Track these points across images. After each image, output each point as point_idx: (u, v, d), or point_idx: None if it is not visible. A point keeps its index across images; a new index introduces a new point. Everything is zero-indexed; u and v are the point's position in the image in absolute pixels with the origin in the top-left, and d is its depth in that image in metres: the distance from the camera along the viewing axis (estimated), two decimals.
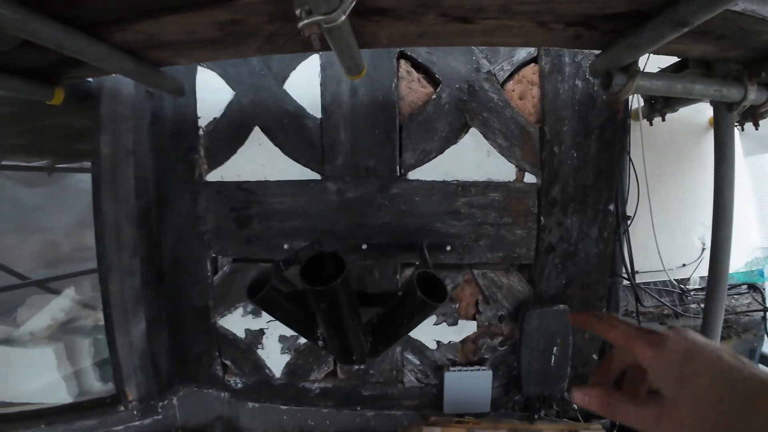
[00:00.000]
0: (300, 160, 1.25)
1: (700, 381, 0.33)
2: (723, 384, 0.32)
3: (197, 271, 1.36)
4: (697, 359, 0.34)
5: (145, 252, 1.36)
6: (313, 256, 0.82)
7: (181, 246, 1.36)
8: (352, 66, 0.94)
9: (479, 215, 1.26)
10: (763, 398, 0.30)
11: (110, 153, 1.32)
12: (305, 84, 1.23)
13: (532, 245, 1.30)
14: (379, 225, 1.24)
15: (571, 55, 1.31)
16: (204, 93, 1.30)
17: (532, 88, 1.30)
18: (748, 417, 0.30)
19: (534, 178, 1.28)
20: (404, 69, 1.23)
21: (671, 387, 0.34)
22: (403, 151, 1.23)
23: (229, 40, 0.97)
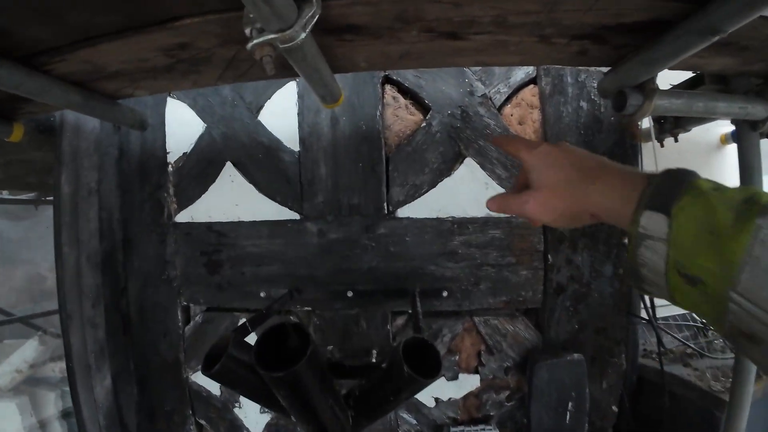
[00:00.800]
0: (276, 197, 1.09)
1: (558, 169, 0.42)
2: (573, 169, 0.41)
3: (166, 321, 1.19)
4: (558, 154, 0.43)
5: (110, 300, 1.19)
6: (271, 329, 0.64)
7: (149, 293, 1.19)
8: (326, 94, 0.79)
9: (478, 255, 1.08)
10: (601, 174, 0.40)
11: (71, 191, 1.17)
12: (281, 114, 1.08)
13: (539, 287, 1.12)
14: (366, 269, 1.07)
15: (573, 74, 1.16)
16: (173, 126, 1.15)
17: (533, 112, 1.14)
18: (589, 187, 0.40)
19: None
20: (390, 95, 1.08)
21: (538, 176, 0.43)
22: (390, 186, 1.07)
23: (185, 68, 0.82)
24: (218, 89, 1.12)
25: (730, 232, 0.27)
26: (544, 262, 1.12)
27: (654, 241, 0.31)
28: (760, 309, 0.25)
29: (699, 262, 0.29)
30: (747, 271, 0.26)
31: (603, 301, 1.18)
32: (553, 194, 0.42)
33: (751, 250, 0.26)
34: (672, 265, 0.31)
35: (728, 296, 0.27)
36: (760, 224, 0.26)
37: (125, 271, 1.20)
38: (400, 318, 1.11)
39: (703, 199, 0.30)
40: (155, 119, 1.16)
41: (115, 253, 1.19)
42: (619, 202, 0.37)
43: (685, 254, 0.30)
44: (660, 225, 0.31)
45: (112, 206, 1.18)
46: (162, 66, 0.82)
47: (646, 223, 0.32)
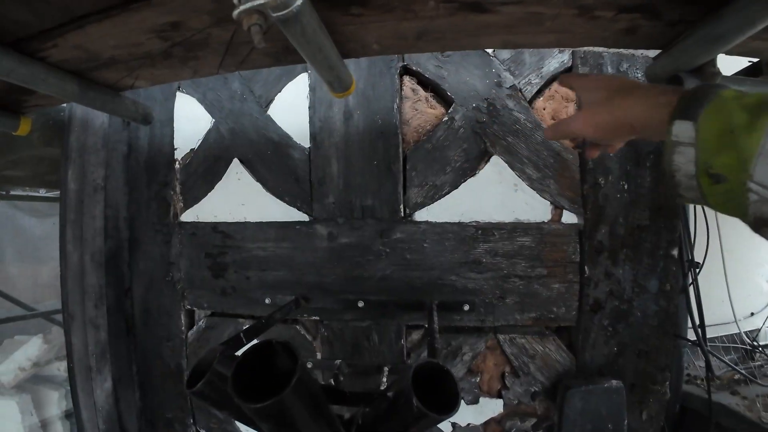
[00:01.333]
0: (284, 197, 0.99)
1: (599, 90, 0.47)
2: (612, 88, 0.46)
3: (170, 325, 1.11)
4: (604, 77, 0.52)
5: (113, 301, 1.12)
6: (255, 348, 0.53)
7: (153, 295, 1.12)
8: (333, 79, 0.68)
9: (505, 266, 0.95)
10: (635, 89, 0.45)
11: (77, 188, 1.11)
12: (292, 108, 0.99)
13: (573, 303, 0.98)
14: (379, 278, 0.95)
15: (614, 63, 1.01)
16: (181, 121, 1.08)
17: (568, 106, 1.00)
18: (626, 101, 0.44)
19: (574, 217, 0.97)
20: (408, 87, 0.97)
21: (588, 95, 0.49)
22: (407, 186, 0.95)
23: (183, 53, 0.74)
24: (227, 82, 1.04)
25: (745, 131, 0.30)
26: (579, 274, 0.97)
27: (684, 146, 0.34)
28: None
29: (721, 160, 0.32)
30: (761, 162, 0.29)
31: (646, 321, 1.02)
32: (596, 110, 0.47)
33: (764, 144, 0.29)
34: (701, 166, 0.34)
35: (747, 187, 0.30)
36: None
37: (130, 271, 1.13)
38: (416, 332, 0.99)
39: (724, 105, 0.33)
40: (164, 114, 1.10)
41: (120, 252, 1.12)
42: (653, 112, 0.41)
43: (710, 154, 0.33)
44: (688, 131, 0.34)
45: (119, 204, 1.12)
46: (158, 51, 0.74)
47: (677, 131, 0.35)
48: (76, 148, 1.11)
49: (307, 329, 1.02)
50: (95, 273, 1.10)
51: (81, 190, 1.10)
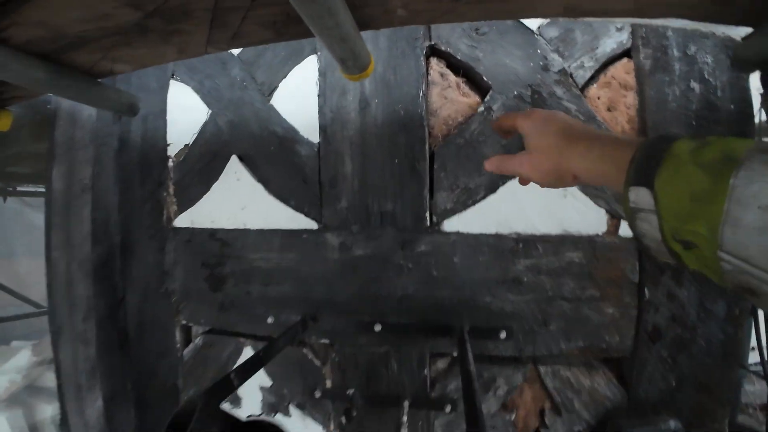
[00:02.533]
0: (290, 201, 0.82)
1: (548, 134, 0.42)
2: (561, 134, 0.42)
3: (165, 341, 0.96)
4: (551, 121, 0.43)
5: (104, 313, 0.97)
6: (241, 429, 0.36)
7: (147, 307, 0.96)
8: (347, 57, 0.51)
9: (550, 286, 0.76)
10: (584, 139, 0.40)
11: (63, 188, 0.96)
12: (299, 96, 0.81)
13: (629, 331, 0.78)
14: (400, 297, 0.78)
15: (680, 45, 0.81)
16: (176, 113, 0.92)
17: (627, 95, 0.80)
18: (572, 151, 0.40)
19: None
20: (436, 70, 0.78)
21: (531, 140, 0.45)
22: (435, 189, 0.77)
23: (161, 27, 0.57)
24: (226, 68, 0.87)
25: (708, 196, 0.26)
26: (638, 297, 0.78)
27: (645, 213, 0.31)
28: (749, 265, 0.24)
29: (689, 228, 0.28)
30: (728, 231, 0.25)
31: (710, 350, 0.82)
32: (542, 156, 0.43)
33: (728, 210, 0.25)
34: (667, 232, 0.30)
35: (718, 257, 0.26)
36: (734, 184, 0.25)
37: (123, 281, 0.98)
38: (442, 361, 0.81)
39: (680, 167, 0.29)
40: (157, 105, 0.93)
41: (110, 259, 0.97)
42: (598, 165, 0.38)
43: (676, 222, 0.29)
44: (646, 198, 0.30)
45: (109, 205, 0.96)
46: (131, 25, 0.57)
47: (635, 198, 0.31)
48: (61, 144, 0.96)
49: (316, 353, 0.85)
50: (83, 282, 0.96)
51: (67, 190, 0.95)
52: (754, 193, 0.24)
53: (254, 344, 0.87)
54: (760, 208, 0.23)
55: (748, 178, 0.24)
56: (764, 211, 0.23)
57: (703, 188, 0.26)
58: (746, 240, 0.24)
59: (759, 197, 0.23)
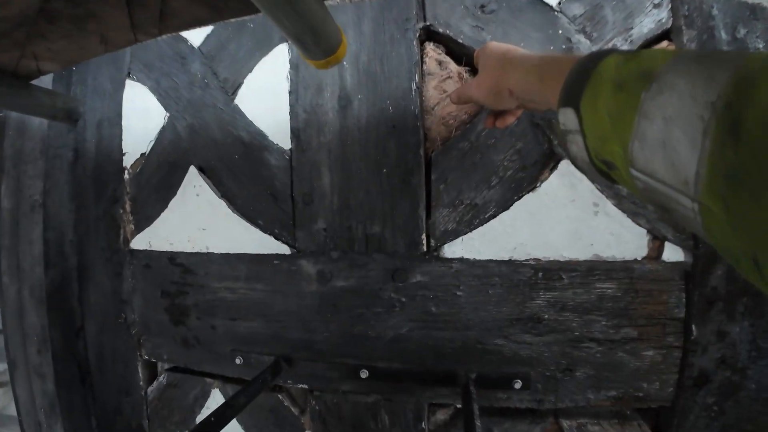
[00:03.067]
0: (257, 220, 0.67)
1: (491, 57, 0.44)
2: (501, 55, 0.43)
3: (127, 377, 0.82)
4: (498, 45, 0.45)
5: (60, 344, 0.84)
6: None
7: (107, 339, 0.83)
8: (302, 34, 0.35)
9: (577, 324, 0.60)
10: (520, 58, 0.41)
11: (11, 207, 0.83)
12: (267, 94, 0.66)
13: (671, 376, 0.62)
14: (391, 339, 0.62)
15: (728, 26, 0.64)
16: (132, 118, 0.78)
17: None
18: (507, 66, 0.41)
19: (680, 252, 0.61)
20: (433, 58, 0.62)
21: (480, 63, 0.46)
22: (433, 206, 0.61)
23: (70, 11, 0.44)
24: (186, 63, 0.72)
25: (621, 113, 0.24)
26: (683, 336, 0.61)
27: (573, 134, 0.29)
28: (655, 181, 0.23)
29: (608, 147, 0.26)
30: (636, 147, 0.23)
31: (759, 395, 0.65)
32: (484, 73, 0.45)
33: (638, 125, 0.23)
34: (592, 153, 0.29)
35: (632, 174, 0.25)
36: (644, 97, 0.23)
37: (81, 307, 0.85)
38: (442, 412, 0.66)
39: (600, 85, 0.27)
40: (112, 109, 0.79)
41: (66, 284, 0.84)
42: (528, 78, 0.38)
43: (598, 142, 0.27)
44: (573, 119, 0.29)
45: (63, 224, 0.83)
46: (36, 11, 0.43)
47: (564, 119, 0.30)
48: (10, 157, 0.83)
49: (293, 399, 0.71)
50: (36, 311, 0.83)
51: (16, 208, 0.82)
52: (661, 104, 0.22)
53: (222, 386, 0.73)
54: (664, 119, 0.21)
55: (658, 90, 0.22)
56: (667, 123, 0.21)
57: (618, 105, 0.25)
58: (651, 154, 0.23)
59: (664, 108, 0.21)
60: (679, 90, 0.21)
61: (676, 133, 0.20)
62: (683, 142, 0.20)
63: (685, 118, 0.20)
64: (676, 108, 0.20)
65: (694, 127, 0.19)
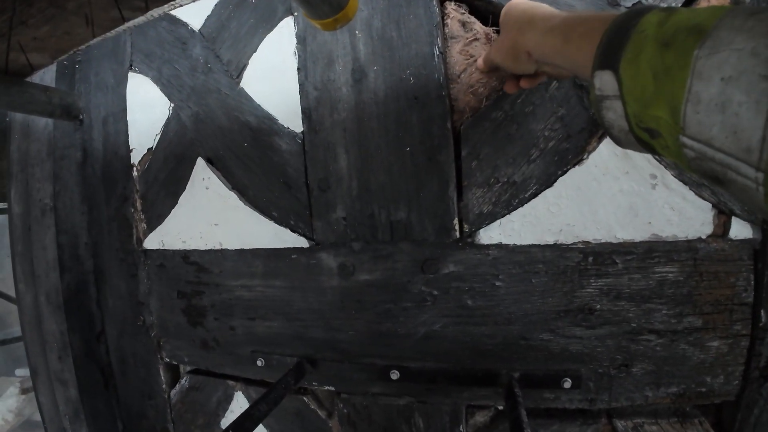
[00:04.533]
0: (271, 212, 0.60)
1: (510, 18, 0.39)
2: (526, 10, 0.37)
3: (149, 380, 0.77)
4: (514, 6, 0.39)
5: (81, 349, 0.80)
6: None
7: (126, 341, 0.78)
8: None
9: (634, 314, 0.51)
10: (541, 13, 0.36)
11: (21, 211, 0.78)
12: (274, 74, 0.58)
13: (736, 368, 0.52)
14: (422, 336, 0.54)
15: None
16: (137, 112, 0.71)
17: None
18: (526, 26, 0.36)
19: (748, 228, 0.50)
20: (455, 18, 0.52)
21: (501, 23, 0.41)
22: (464, 186, 0.52)
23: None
24: (186, 49, 0.64)
25: (670, 73, 0.21)
26: (751, 323, 0.51)
27: (611, 100, 0.25)
28: (711, 148, 0.19)
29: (651, 112, 0.22)
30: (690, 110, 0.20)
31: None
32: (504, 34, 0.40)
33: (690, 86, 0.20)
34: (633, 120, 0.24)
35: (681, 143, 0.21)
36: (698, 55, 0.19)
37: (100, 311, 0.80)
38: (481, 414, 0.58)
39: (643, 43, 0.23)
40: (117, 104, 0.73)
41: (83, 288, 0.79)
42: (546, 38, 0.33)
43: (639, 107, 0.23)
44: (611, 83, 0.25)
45: (76, 227, 0.78)
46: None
47: (600, 83, 0.25)
48: (17, 161, 0.78)
49: (320, 402, 0.64)
50: (54, 317, 0.78)
51: (26, 213, 0.77)
52: (718, 64, 0.18)
53: (245, 389, 0.67)
54: (723, 80, 0.18)
55: (712, 47, 0.19)
56: (727, 83, 0.18)
57: (666, 64, 0.21)
58: (707, 119, 0.19)
59: (722, 68, 0.18)
60: (738, 47, 0.18)
61: (737, 95, 0.18)
62: (746, 104, 0.17)
63: (746, 79, 0.17)
64: (735, 67, 0.18)
65: (757, 88, 0.17)
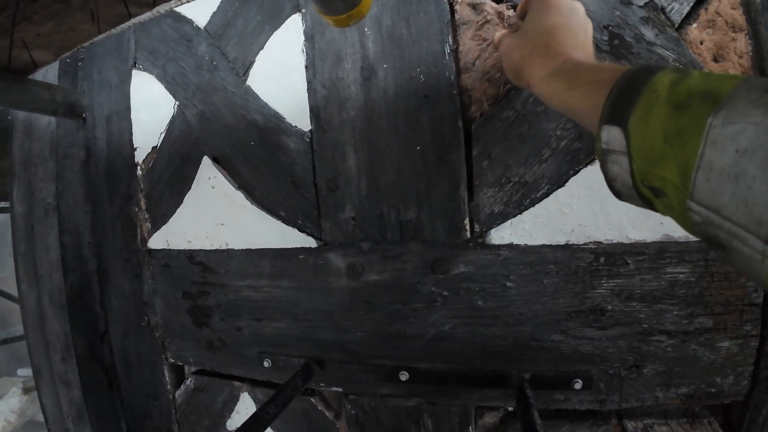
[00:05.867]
0: (278, 211, 0.58)
1: (539, 25, 0.36)
2: (550, 32, 0.35)
3: (154, 381, 0.76)
4: (555, 12, 0.36)
5: (85, 350, 0.78)
6: None
7: (131, 342, 0.76)
8: None
9: (645, 315, 0.50)
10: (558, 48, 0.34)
11: (24, 211, 0.76)
12: (281, 72, 0.57)
13: (746, 368, 0.52)
14: (432, 337, 0.53)
15: None
16: (141, 110, 0.69)
17: (737, 37, 0.51)
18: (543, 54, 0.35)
19: None
20: (464, 3, 0.50)
21: (526, 20, 0.39)
22: (476, 186, 0.51)
23: None
24: (192, 46, 0.63)
25: (683, 136, 0.21)
26: (761, 323, 0.50)
27: (617, 155, 0.25)
28: (719, 216, 0.19)
29: (657, 172, 0.23)
30: (701, 177, 0.20)
31: None
32: (519, 42, 0.38)
33: (703, 153, 0.20)
34: (637, 177, 0.25)
35: (688, 206, 0.21)
36: (712, 123, 0.19)
37: (104, 311, 0.78)
38: (490, 415, 0.57)
39: (654, 103, 0.23)
40: (121, 102, 0.71)
41: (87, 288, 0.77)
42: (556, 89, 0.32)
43: (645, 165, 0.23)
44: (618, 139, 0.25)
45: (80, 227, 0.76)
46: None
47: (607, 138, 0.25)
48: (19, 160, 0.76)
49: (327, 403, 0.63)
50: (57, 318, 0.77)
51: (29, 213, 0.76)
52: (733, 135, 0.18)
53: (251, 390, 0.66)
54: (737, 152, 0.18)
55: (727, 118, 0.19)
56: (742, 156, 0.18)
57: (678, 127, 0.21)
58: (719, 187, 0.19)
59: (737, 140, 0.18)
60: (754, 121, 0.18)
61: (752, 168, 0.18)
62: (760, 179, 0.17)
63: (762, 154, 0.17)
64: (751, 141, 0.18)
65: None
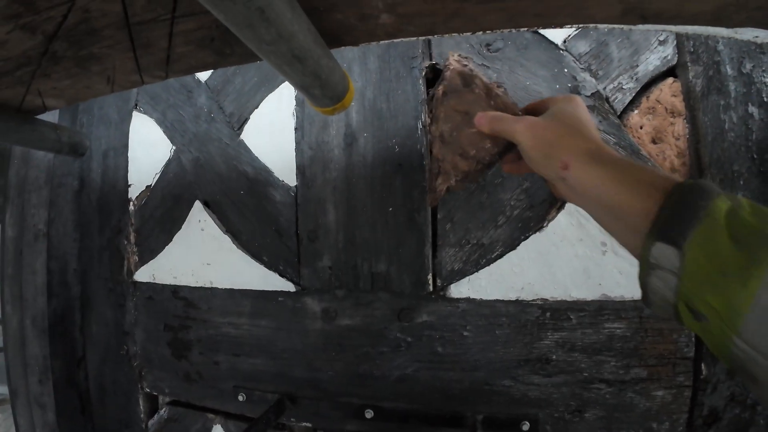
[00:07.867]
0: (262, 257, 0.63)
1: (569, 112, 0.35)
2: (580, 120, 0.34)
3: (128, 409, 0.77)
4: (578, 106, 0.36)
5: (62, 374, 0.79)
6: None
7: (108, 369, 0.78)
8: (309, 84, 0.32)
9: (586, 365, 0.56)
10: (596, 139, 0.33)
11: (15, 235, 0.79)
12: (273, 130, 0.63)
13: (681, 416, 0.58)
14: (396, 378, 0.58)
15: (734, 62, 0.61)
16: (138, 150, 0.74)
17: (675, 122, 0.60)
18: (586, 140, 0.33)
19: None
20: (455, 70, 0.56)
21: (552, 104, 0.37)
22: (439, 245, 0.57)
23: (73, 53, 0.42)
24: (192, 96, 0.69)
25: (740, 276, 0.21)
26: (693, 375, 0.57)
27: (665, 272, 0.24)
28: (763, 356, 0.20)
29: (707, 300, 0.22)
30: (753, 321, 0.20)
31: None
32: (551, 126, 0.35)
33: (759, 299, 0.20)
34: (682, 298, 0.24)
35: (732, 341, 0.21)
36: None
37: (83, 338, 0.80)
38: None
39: (715, 233, 0.23)
40: (118, 140, 0.76)
41: (69, 314, 0.79)
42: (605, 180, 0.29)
43: (695, 290, 0.23)
44: (671, 259, 0.24)
45: (67, 254, 0.79)
46: (40, 53, 0.40)
47: (658, 255, 0.25)
48: (14, 186, 0.79)
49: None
50: (38, 341, 0.78)
51: (19, 237, 0.78)
52: None
53: (224, 422, 0.68)
54: None
55: None
56: None
57: (738, 265, 0.21)
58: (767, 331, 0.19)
59: None
60: None
61: None
62: None
63: None
64: None
65: None
